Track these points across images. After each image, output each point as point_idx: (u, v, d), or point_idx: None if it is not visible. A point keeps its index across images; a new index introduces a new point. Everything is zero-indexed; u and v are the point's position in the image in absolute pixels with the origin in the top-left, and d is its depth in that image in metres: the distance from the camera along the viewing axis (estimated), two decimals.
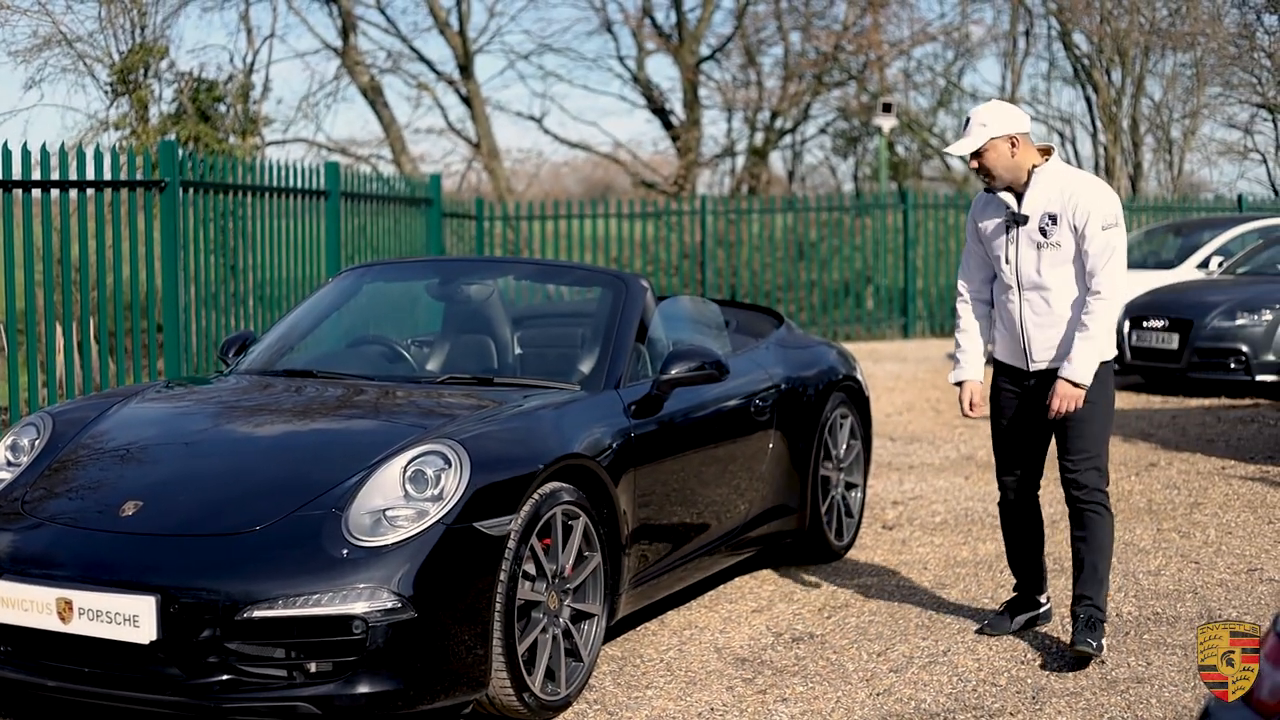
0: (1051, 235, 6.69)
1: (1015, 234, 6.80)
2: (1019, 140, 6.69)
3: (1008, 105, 6.76)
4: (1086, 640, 6.67)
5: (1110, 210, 6.64)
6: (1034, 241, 6.74)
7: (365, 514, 5.63)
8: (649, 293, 7.51)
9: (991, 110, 6.72)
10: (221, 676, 5.41)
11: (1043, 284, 6.77)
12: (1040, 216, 6.71)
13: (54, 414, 6.67)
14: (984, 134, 6.65)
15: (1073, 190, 6.67)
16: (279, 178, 13.39)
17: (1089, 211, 6.61)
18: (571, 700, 6.20)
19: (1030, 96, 34.75)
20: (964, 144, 6.70)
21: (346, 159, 32.21)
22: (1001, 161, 6.70)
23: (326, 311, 8.00)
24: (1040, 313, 6.80)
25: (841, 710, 6.23)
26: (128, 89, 24.10)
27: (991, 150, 6.68)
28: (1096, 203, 6.63)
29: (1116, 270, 6.63)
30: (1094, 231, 6.61)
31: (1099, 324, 6.62)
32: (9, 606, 5.63)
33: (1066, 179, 6.72)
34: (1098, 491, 6.84)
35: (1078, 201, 6.63)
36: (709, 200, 23.93)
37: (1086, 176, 6.79)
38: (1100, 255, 6.61)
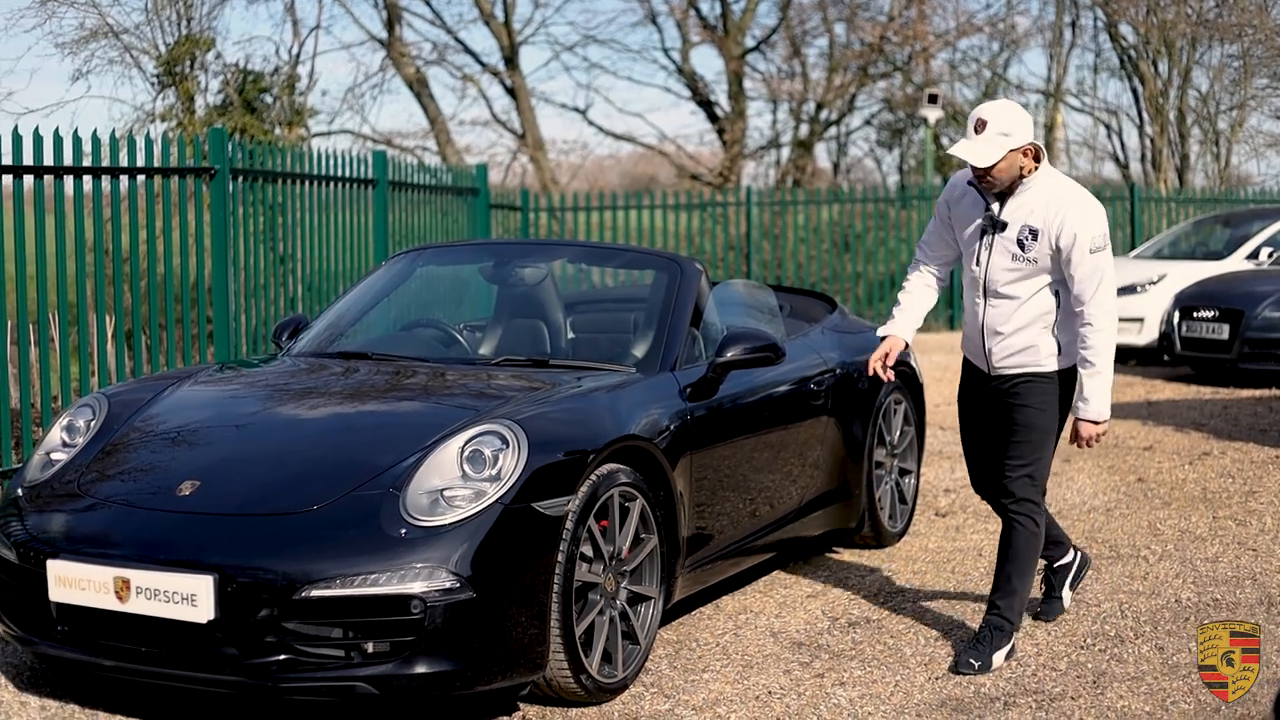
0: (1029, 250, 6.36)
1: (990, 239, 6.47)
2: (1029, 150, 6.34)
3: (1020, 110, 6.36)
4: (968, 661, 6.42)
5: (1098, 231, 6.30)
6: (1009, 251, 6.41)
7: (423, 494, 5.60)
8: (704, 276, 7.47)
9: (1010, 118, 6.28)
10: (279, 656, 5.38)
11: (1010, 294, 6.48)
12: (1020, 228, 6.37)
13: (109, 395, 6.67)
14: (1006, 145, 6.25)
15: (1059, 207, 6.31)
16: (327, 166, 13.38)
17: (1075, 233, 6.26)
18: (628, 683, 6.17)
19: (1076, 88, 34.60)
20: (983, 152, 6.26)
21: (392, 150, 32.25)
22: (1011, 173, 6.34)
23: (379, 295, 7.98)
24: (1002, 320, 6.52)
25: (900, 694, 6.18)
26: (174, 80, 24.17)
27: (1006, 161, 6.30)
28: (1084, 223, 6.27)
29: (1108, 296, 6.32)
30: (1081, 255, 6.28)
31: (1102, 357, 6.34)
32: (67, 586, 5.62)
33: (1054, 192, 6.36)
34: (1026, 502, 6.56)
35: (1064, 220, 6.28)
36: (754, 192, 23.86)
37: (1074, 191, 6.39)
38: (1089, 280, 6.29)
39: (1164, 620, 7.12)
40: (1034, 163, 6.39)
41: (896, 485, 8.79)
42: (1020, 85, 35.73)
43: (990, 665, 6.45)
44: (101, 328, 10.27)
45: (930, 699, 6.10)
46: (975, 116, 6.34)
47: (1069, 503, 9.83)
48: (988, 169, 6.32)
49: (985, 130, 6.26)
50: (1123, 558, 8.32)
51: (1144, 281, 18.21)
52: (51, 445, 6.43)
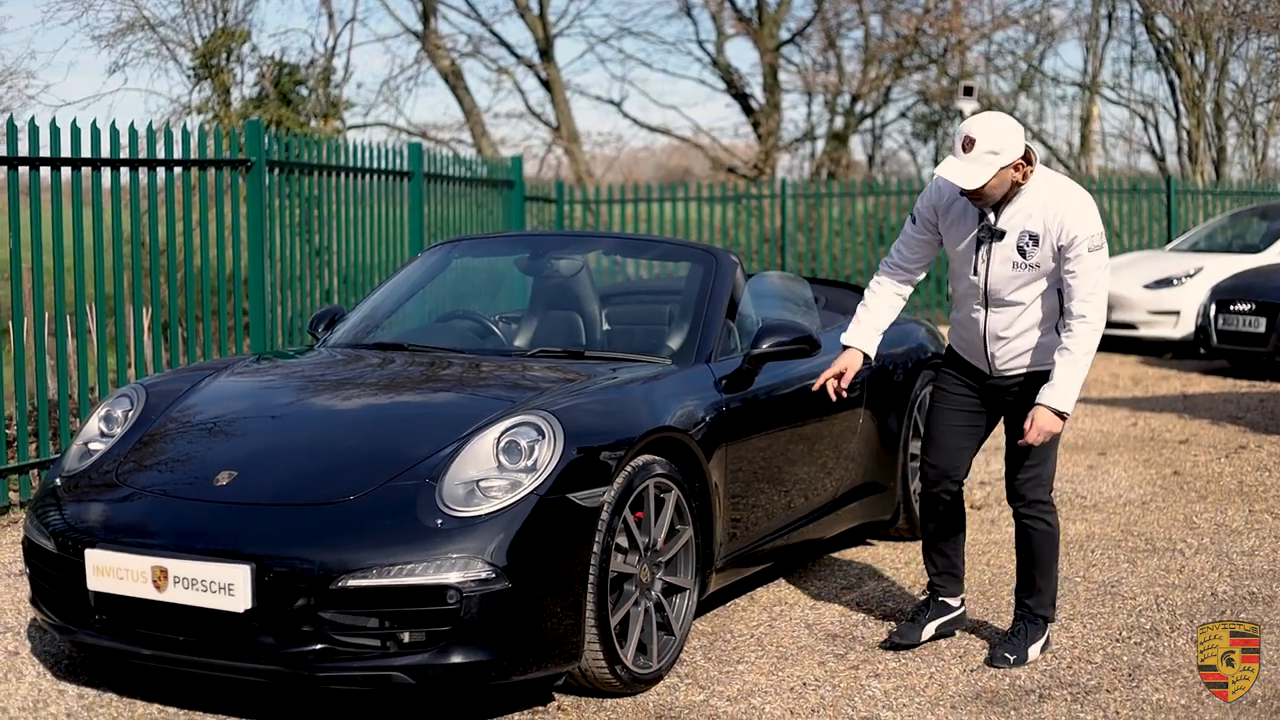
0: (1030, 256, 6.20)
1: (989, 249, 6.28)
2: (1020, 163, 6.12)
3: (1009, 122, 6.12)
4: (1003, 656, 6.41)
5: (1096, 230, 6.12)
6: (1009, 259, 6.23)
7: (459, 484, 5.61)
8: (739, 268, 7.47)
9: (998, 134, 6.05)
10: (315, 645, 5.40)
11: (1013, 300, 6.32)
12: (1020, 235, 6.19)
13: (147, 386, 6.70)
14: (996, 163, 6.03)
15: (1056, 209, 6.13)
16: (363, 158, 13.42)
17: (1075, 235, 6.09)
18: (663, 673, 6.18)
19: (1113, 81, 34.49)
20: (973, 174, 6.05)
21: (427, 143, 32.29)
22: (1000, 190, 6.14)
23: (415, 287, 8.00)
24: (1006, 326, 6.37)
25: (935, 686, 6.18)
26: (210, 73, 24.23)
27: (997, 179, 6.09)
28: (1082, 224, 6.10)
29: (1102, 294, 6.17)
30: (1080, 254, 6.10)
31: (1084, 349, 6.14)
32: (105, 575, 5.65)
33: (1049, 195, 6.18)
34: (1039, 504, 6.45)
35: (1063, 222, 6.10)
36: (789, 185, 23.83)
37: (1068, 191, 6.20)
38: (1086, 279, 6.11)
39: (1200, 614, 7.11)
40: (1027, 166, 6.17)
41: None
42: (1056, 78, 35.64)
43: (1026, 659, 6.44)
44: (138, 319, 10.32)
45: (965, 691, 6.10)
46: (963, 133, 6.09)
47: (1105, 495, 9.81)
48: (977, 189, 6.13)
49: (974, 149, 6.03)
50: (1158, 551, 8.31)
51: (1180, 274, 18.16)
52: (89, 435, 6.47)
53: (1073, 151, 34.20)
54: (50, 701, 5.91)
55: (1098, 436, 12.22)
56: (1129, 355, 18.40)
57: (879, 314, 6.66)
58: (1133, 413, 13.45)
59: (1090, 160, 33.46)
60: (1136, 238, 24.17)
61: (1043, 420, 6.18)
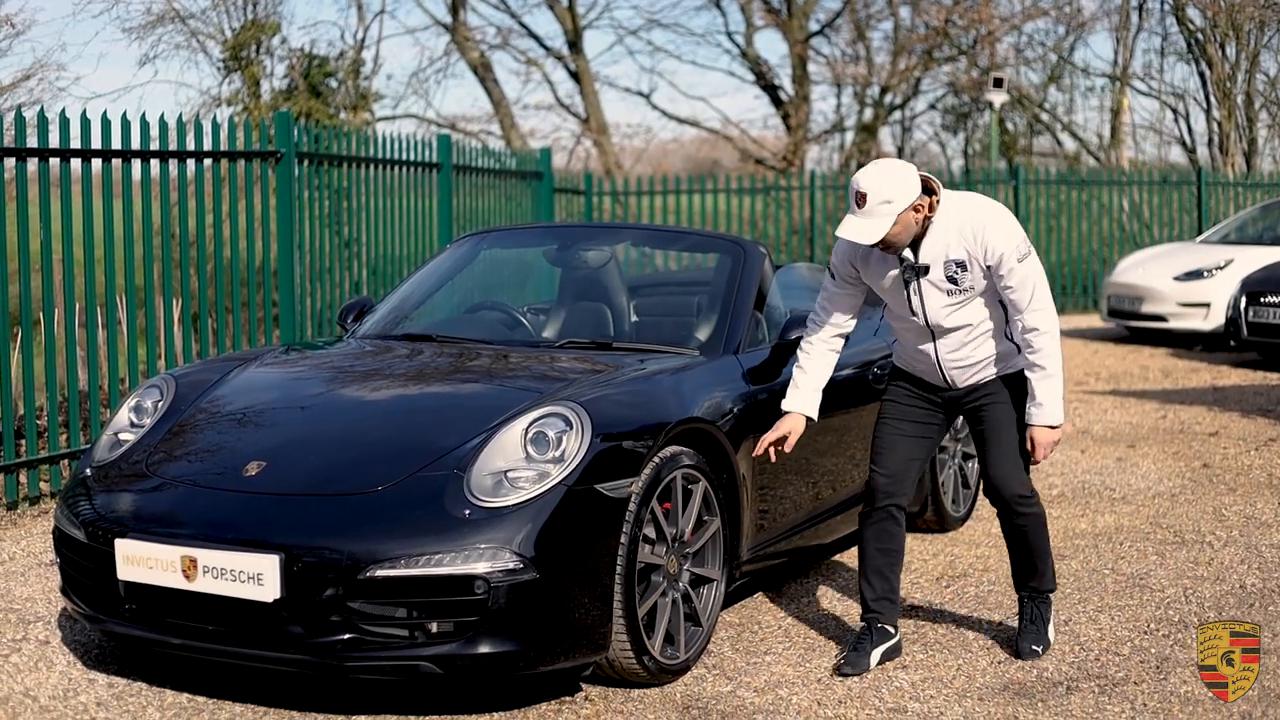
0: (962, 281, 6.08)
1: (918, 285, 6.16)
2: (920, 204, 5.99)
3: (898, 165, 6.01)
4: (1030, 649, 6.40)
5: (1018, 239, 6.01)
6: (942, 290, 6.13)
7: (487, 475, 5.62)
8: (767, 259, 7.47)
9: (887, 183, 5.92)
10: (344, 635, 5.42)
11: (958, 324, 6.20)
12: (945, 265, 6.07)
13: (177, 376, 6.73)
14: (892, 212, 5.91)
15: (974, 230, 6.00)
16: (392, 150, 13.45)
17: (1000, 251, 5.97)
18: (690, 664, 6.18)
19: (1143, 72, 34.35)
20: (871, 228, 5.94)
21: (456, 135, 32.32)
22: (907, 234, 6.02)
23: (444, 278, 8.02)
24: (958, 348, 6.28)
25: (963, 678, 6.18)
26: (240, 65, 24.30)
27: (898, 225, 5.96)
28: (1003, 238, 5.98)
29: (1045, 299, 6.08)
30: (1011, 267, 5.99)
31: (1053, 360, 6.08)
32: (135, 565, 5.67)
33: (963, 218, 6.05)
34: (1024, 499, 6.33)
35: (985, 242, 5.98)
36: (818, 176, 23.81)
37: (981, 209, 6.08)
38: (1024, 289, 6.02)
39: (1228, 606, 7.09)
40: (931, 197, 6.06)
41: (960, 470, 8.76)
42: (1086, 69, 35.54)
43: (1050, 641, 6.46)
44: (168, 311, 10.35)
45: (993, 683, 6.10)
46: (854, 190, 5.96)
47: (1134, 488, 9.79)
48: (879, 243, 6.02)
49: (867, 203, 5.92)
50: (1187, 543, 8.29)
51: (1211, 266, 18.10)
52: (119, 426, 6.50)
53: (1103, 143, 34.10)
54: (80, 690, 5.94)
55: (1127, 429, 12.19)
56: (1159, 347, 18.35)
57: (815, 374, 6.50)
58: (1162, 405, 13.41)
59: (1120, 152, 33.36)
60: (1167, 230, 24.10)
61: (1042, 438, 6.17)
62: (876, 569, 6.41)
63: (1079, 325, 21.49)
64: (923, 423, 6.48)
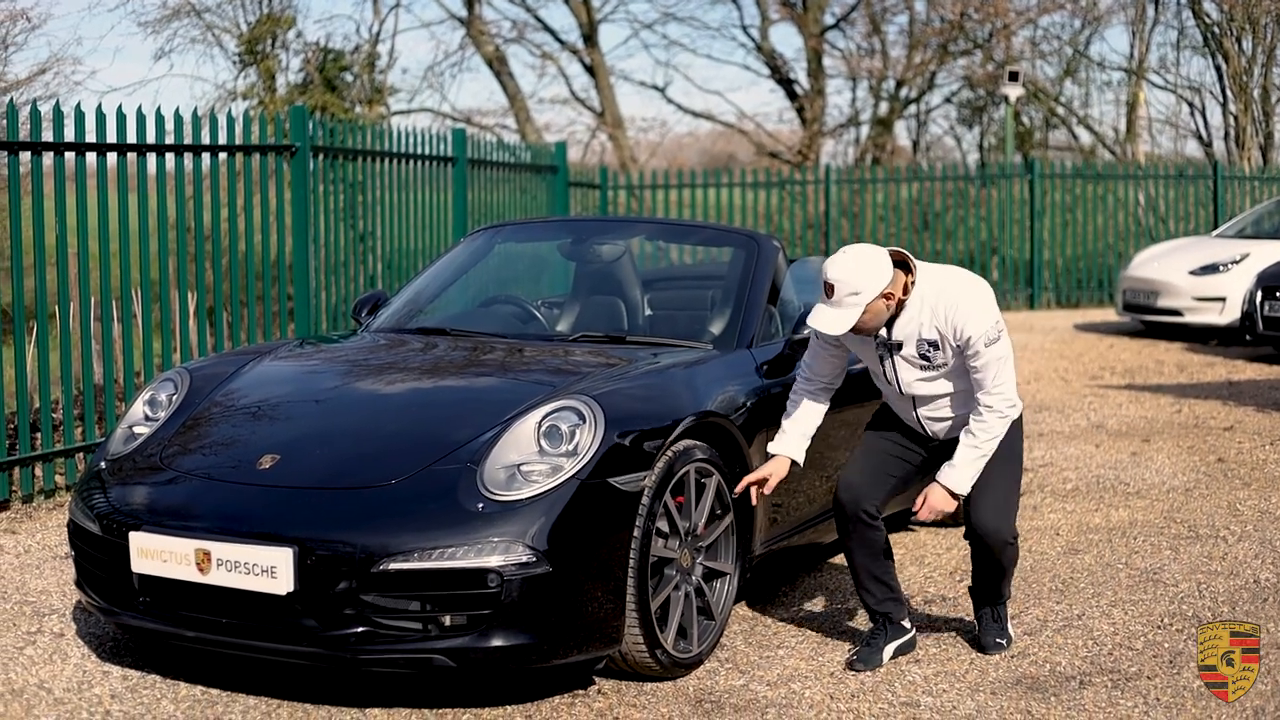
0: (934, 359, 6.13)
1: (893, 360, 6.23)
2: (890, 291, 6.00)
3: (868, 254, 5.98)
4: (995, 642, 6.41)
5: (990, 320, 6.01)
6: (916, 365, 6.18)
7: (500, 468, 5.63)
8: (781, 253, 7.47)
9: (857, 273, 5.92)
10: (357, 628, 5.42)
11: (934, 394, 6.25)
12: (918, 343, 6.12)
13: (191, 370, 6.74)
14: (860, 303, 5.94)
15: (945, 311, 6.02)
16: (407, 144, 13.46)
17: (968, 335, 5.98)
18: (703, 658, 6.19)
19: (1159, 65, 34.29)
20: (839, 319, 5.97)
21: (472, 129, 32.34)
22: (878, 320, 6.05)
23: (458, 271, 8.03)
24: (938, 409, 6.28)
25: (976, 672, 6.18)
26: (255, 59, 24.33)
27: (867, 314, 5.99)
28: (974, 319, 5.98)
29: (1008, 381, 6.08)
30: (978, 349, 6.00)
31: (988, 436, 6.09)
32: (148, 558, 5.68)
33: (935, 298, 6.05)
34: (1006, 545, 6.28)
35: (955, 323, 6.00)
36: (833, 170, 23.80)
37: (955, 290, 6.06)
38: (989, 369, 6.03)
39: (1242, 601, 7.08)
40: (906, 277, 6.08)
41: None
42: (1102, 63, 35.45)
43: (1011, 635, 6.49)
44: (184, 305, 10.37)
45: (1005, 677, 6.10)
46: (824, 278, 5.99)
47: (1148, 482, 9.78)
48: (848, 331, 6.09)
49: (835, 293, 5.96)
50: (1201, 538, 8.28)
51: (1226, 260, 18.07)
52: (134, 419, 6.52)
53: (1118, 137, 34.04)
54: (95, 683, 5.96)
55: (1142, 423, 12.17)
56: (1174, 342, 18.32)
57: (803, 421, 6.48)
58: (1177, 399, 13.39)
59: (1136, 146, 33.30)
60: (1182, 224, 24.08)
61: (936, 498, 6.12)
62: (871, 576, 6.37)
63: (1094, 319, 21.46)
64: (905, 446, 6.46)
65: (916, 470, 6.48)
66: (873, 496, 6.30)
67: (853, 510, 6.29)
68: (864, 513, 6.27)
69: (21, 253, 9.14)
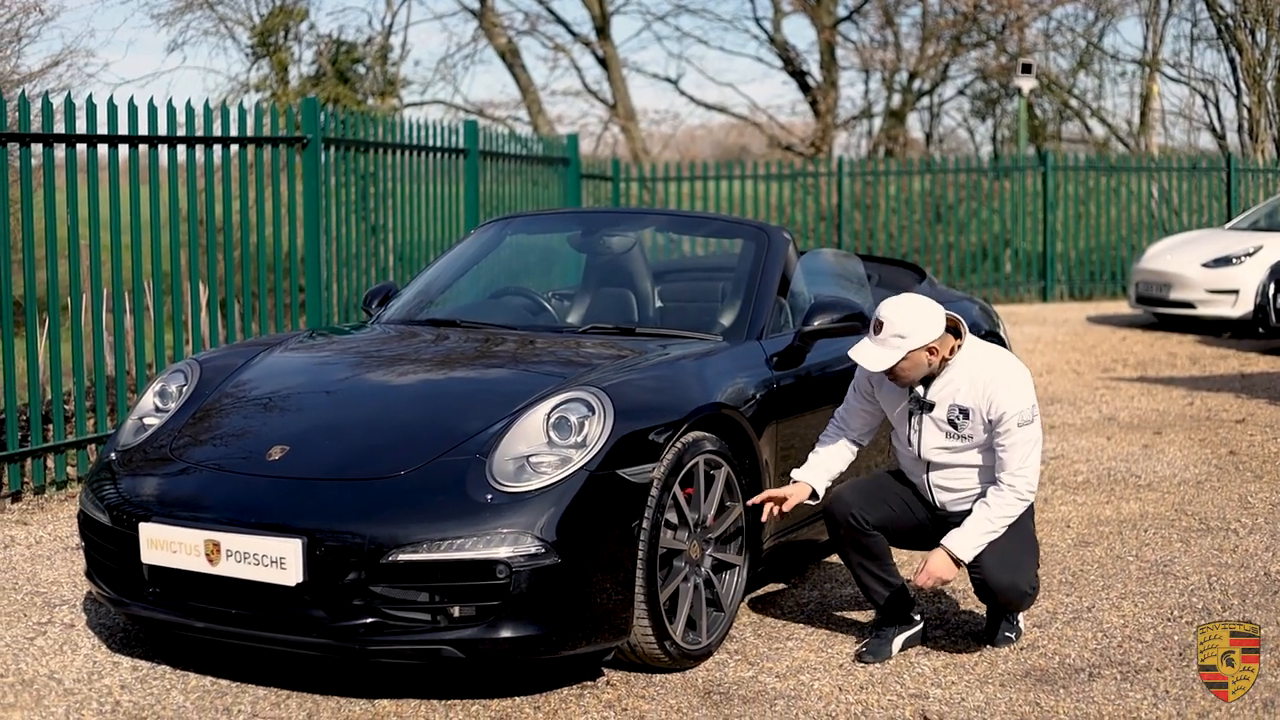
0: (962, 428, 6.15)
1: (920, 419, 6.25)
2: (936, 346, 6.08)
3: (924, 305, 6.08)
4: (1005, 636, 6.39)
5: (1026, 405, 6.05)
6: (941, 430, 6.20)
7: (509, 460, 5.63)
8: (791, 244, 7.46)
9: (909, 318, 6.01)
10: (366, 619, 5.43)
11: (950, 463, 6.26)
12: (950, 408, 6.15)
13: (201, 361, 6.75)
14: (903, 347, 6.01)
15: (985, 384, 6.07)
16: (419, 135, 13.46)
17: (1004, 411, 6.02)
18: (712, 650, 6.19)
19: (1173, 58, 34.18)
20: (880, 357, 6.04)
21: (484, 121, 32.34)
22: (917, 371, 6.11)
23: (468, 263, 8.03)
24: (950, 479, 6.30)
25: (985, 664, 6.17)
26: (268, 51, 24.35)
27: (907, 361, 6.06)
28: (1011, 400, 6.03)
29: (1032, 467, 6.08)
30: (1009, 429, 6.03)
31: (1003, 513, 6.07)
32: (158, 548, 5.69)
33: (979, 369, 6.12)
34: (1024, 596, 6.20)
35: (992, 398, 6.04)
36: (846, 162, 23.77)
37: (1000, 367, 6.13)
38: (1016, 452, 6.05)
39: (1252, 594, 7.07)
40: (955, 340, 6.15)
41: None
42: (1116, 55, 35.41)
43: (1020, 627, 6.45)
44: (195, 296, 10.39)
45: (1014, 669, 6.09)
46: (875, 316, 6.10)
47: (1159, 474, 9.77)
48: (886, 371, 6.13)
49: (882, 331, 6.04)
50: (1212, 530, 8.27)
51: (1240, 253, 18.03)
52: (144, 410, 6.53)
53: (1132, 129, 33.96)
54: (105, 673, 5.97)
55: (1154, 415, 12.16)
56: (1187, 334, 18.29)
57: (832, 458, 6.52)
58: (1189, 392, 13.37)
59: (1150, 138, 33.22)
60: (1196, 216, 24.03)
61: (937, 564, 6.07)
62: (871, 576, 6.36)
63: (1106, 312, 21.43)
64: (911, 498, 6.44)
65: (915, 523, 6.42)
66: (865, 510, 6.30)
67: (842, 517, 6.30)
68: (853, 518, 6.28)
69: (34, 245, 9.15)
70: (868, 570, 6.36)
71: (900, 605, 6.37)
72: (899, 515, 6.39)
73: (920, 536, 6.42)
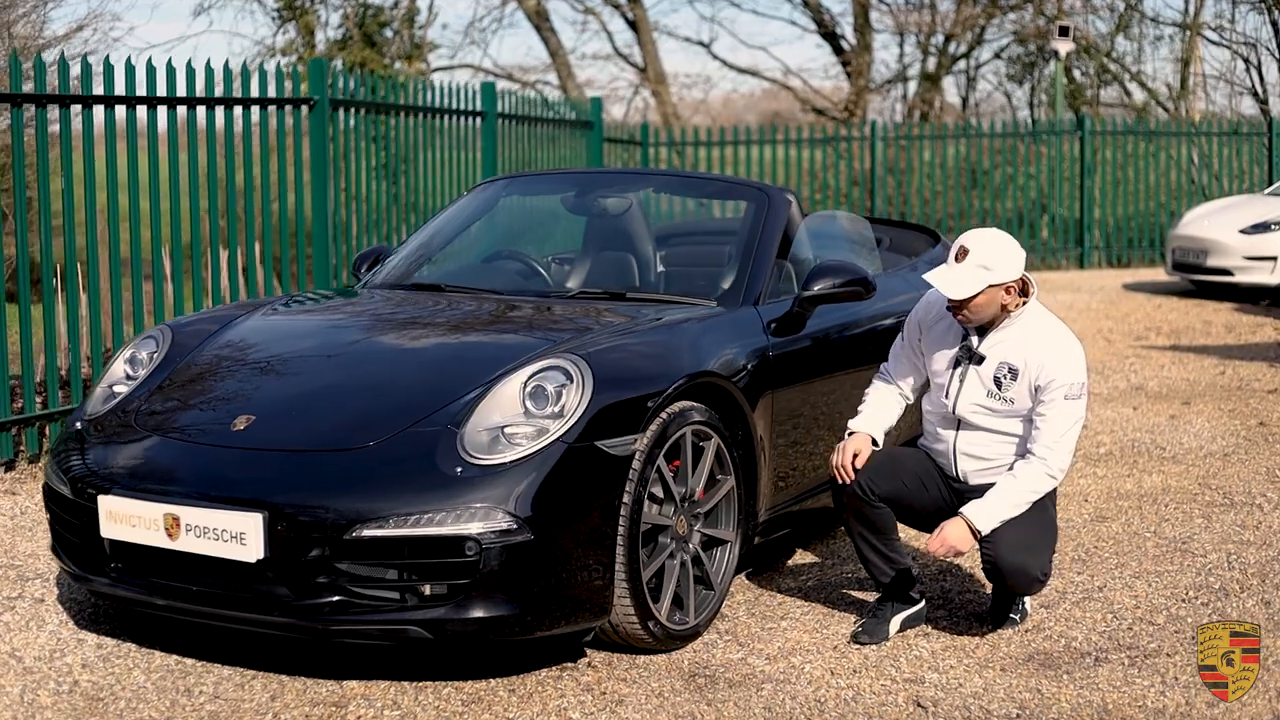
0: (1006, 389, 5.86)
1: (965, 370, 5.95)
2: (1013, 287, 5.83)
3: (1009, 242, 5.83)
4: (1010, 618, 6.13)
5: (1077, 379, 5.79)
6: (984, 388, 5.90)
7: (482, 431, 5.36)
8: (793, 205, 7.15)
9: (994, 250, 5.76)
10: (331, 598, 5.18)
11: (983, 427, 5.96)
12: (999, 365, 5.87)
13: (174, 327, 6.49)
14: (984, 279, 5.74)
15: (1041, 348, 5.81)
16: (434, 98, 13.17)
17: (1053, 377, 5.75)
18: (701, 630, 5.91)
19: (1214, 21, 33.68)
20: (958, 283, 5.76)
21: (513, 85, 32.07)
22: (990, 310, 5.84)
23: (461, 226, 7.76)
24: (976, 444, 5.99)
25: (987, 646, 5.89)
26: (294, 15, 24.13)
27: (984, 296, 5.80)
28: (1063, 369, 5.76)
29: (1068, 444, 5.81)
30: (1054, 398, 5.76)
31: (1030, 486, 5.79)
32: (119, 522, 5.45)
33: (1039, 332, 5.87)
34: (1034, 582, 5.88)
35: (1044, 362, 5.78)
36: (879, 127, 23.43)
37: (1060, 334, 5.89)
38: (1055, 423, 5.76)
39: (1273, 573, 6.76)
40: (1020, 298, 5.90)
41: None
42: (1155, 18, 34.92)
43: (1026, 608, 6.19)
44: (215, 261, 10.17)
45: (1017, 653, 5.81)
46: (958, 243, 5.82)
47: (1185, 447, 9.45)
48: (962, 301, 5.83)
49: (965, 259, 5.76)
50: (1236, 505, 7.95)
51: (1278, 219, 17.64)
52: (114, 378, 6.28)
53: (1172, 94, 33.47)
54: (68, 651, 5.75)
55: (1183, 385, 11.83)
56: (1223, 302, 17.89)
57: (883, 408, 6.24)
58: (1222, 360, 13.03)
59: (1191, 103, 32.75)
60: (1237, 182, 23.63)
61: (953, 533, 5.78)
62: (874, 549, 6.07)
63: (1143, 279, 21.04)
64: (927, 471, 6.13)
65: (928, 500, 6.10)
66: (873, 481, 5.99)
67: (851, 494, 6.00)
68: (860, 486, 5.97)
69: (50, 211, 8.94)
70: (870, 544, 6.06)
71: (902, 584, 6.09)
72: (910, 491, 6.07)
73: (932, 516, 6.09)
